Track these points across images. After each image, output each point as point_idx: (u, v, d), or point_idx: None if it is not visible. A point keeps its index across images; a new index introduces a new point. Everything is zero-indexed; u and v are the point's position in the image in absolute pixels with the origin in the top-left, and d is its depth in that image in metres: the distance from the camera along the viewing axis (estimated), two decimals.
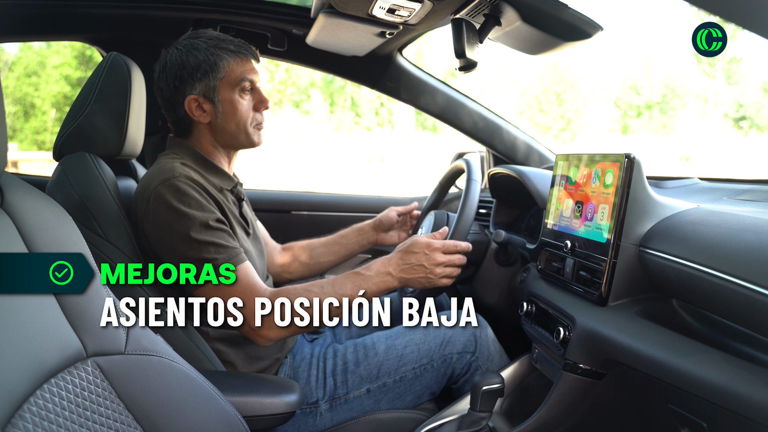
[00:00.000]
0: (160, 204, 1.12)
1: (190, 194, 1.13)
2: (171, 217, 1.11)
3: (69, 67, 17.36)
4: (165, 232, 1.12)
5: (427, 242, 1.21)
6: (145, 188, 1.16)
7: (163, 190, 1.13)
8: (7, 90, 15.51)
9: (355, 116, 24.88)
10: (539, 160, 2.01)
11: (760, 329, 0.74)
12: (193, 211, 1.12)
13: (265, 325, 1.12)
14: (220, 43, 1.23)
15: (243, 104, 1.25)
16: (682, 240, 0.87)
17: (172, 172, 1.15)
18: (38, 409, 0.62)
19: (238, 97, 1.24)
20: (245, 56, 1.25)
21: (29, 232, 0.72)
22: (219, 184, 1.26)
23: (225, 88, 1.24)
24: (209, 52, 1.22)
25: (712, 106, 23.73)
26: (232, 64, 1.23)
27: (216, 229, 1.14)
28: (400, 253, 1.21)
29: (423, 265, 1.20)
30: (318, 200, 2.19)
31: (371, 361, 1.27)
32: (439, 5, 1.21)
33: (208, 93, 1.24)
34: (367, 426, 1.23)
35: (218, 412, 0.86)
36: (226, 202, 1.25)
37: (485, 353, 1.31)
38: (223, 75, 1.23)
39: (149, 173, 1.19)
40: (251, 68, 1.26)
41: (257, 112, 1.28)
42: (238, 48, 1.24)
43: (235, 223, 1.25)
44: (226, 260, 1.12)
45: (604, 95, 26.90)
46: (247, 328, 1.13)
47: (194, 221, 1.12)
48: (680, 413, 0.82)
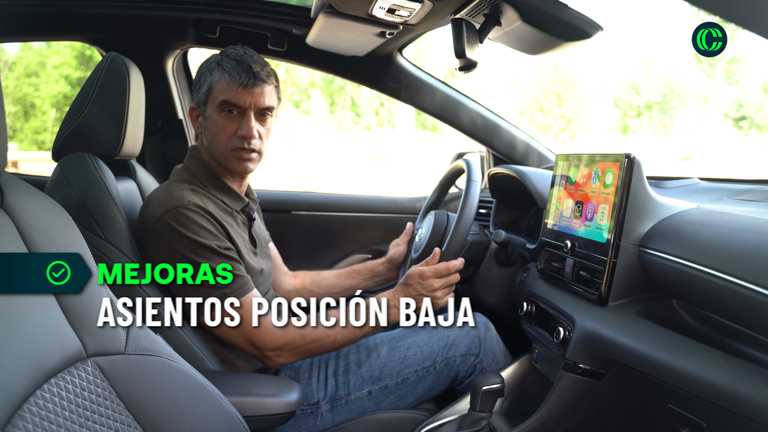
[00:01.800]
0: (167, 231, 1.12)
1: (200, 222, 1.13)
2: (179, 244, 1.11)
3: (69, 67, 17.35)
4: (173, 260, 1.11)
5: (419, 272, 1.26)
6: (153, 213, 1.15)
7: (170, 218, 1.12)
8: (7, 90, 15.50)
9: (355, 116, 24.87)
10: (539, 159, 2.00)
11: (760, 329, 0.74)
12: (202, 240, 1.12)
13: (276, 354, 1.16)
14: (223, 60, 1.21)
15: (222, 125, 1.21)
16: (682, 240, 0.87)
17: (182, 200, 1.15)
18: (38, 409, 0.62)
19: (217, 117, 1.22)
20: (236, 78, 1.18)
21: (29, 232, 0.71)
22: (229, 205, 1.26)
23: (210, 105, 1.22)
24: (209, 65, 1.22)
25: (712, 106, 23.73)
26: (220, 82, 1.20)
27: (225, 257, 1.14)
28: (400, 287, 1.26)
29: (422, 294, 1.25)
30: (318, 200, 2.19)
31: (373, 363, 1.27)
32: (439, 5, 1.21)
33: (200, 105, 1.25)
34: (368, 426, 1.23)
35: (218, 412, 0.86)
36: (235, 226, 1.25)
37: (490, 355, 1.31)
38: (209, 91, 1.22)
39: (159, 198, 1.18)
40: (239, 93, 1.18)
41: (239, 138, 1.21)
42: (232, 69, 1.18)
43: (243, 246, 1.25)
44: (235, 289, 1.13)
45: (604, 95, 26.89)
46: (260, 355, 1.17)
47: (203, 249, 1.12)
48: (680, 413, 0.82)
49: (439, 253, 1.30)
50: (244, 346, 1.16)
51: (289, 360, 1.18)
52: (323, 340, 1.17)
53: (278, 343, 1.15)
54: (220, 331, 1.15)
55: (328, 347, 1.19)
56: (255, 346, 1.15)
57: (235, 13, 1.81)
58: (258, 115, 1.23)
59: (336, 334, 1.18)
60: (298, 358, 1.19)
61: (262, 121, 1.25)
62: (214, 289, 1.11)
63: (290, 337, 1.15)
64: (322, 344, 1.18)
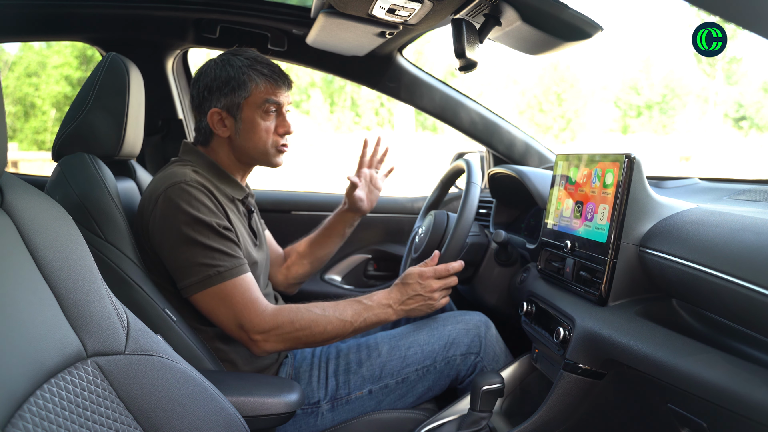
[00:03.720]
0: (168, 206, 1.12)
1: (200, 199, 1.14)
2: (178, 220, 1.11)
3: (69, 67, 17.37)
4: (170, 234, 1.12)
5: (419, 272, 1.26)
6: (154, 190, 1.16)
7: (172, 193, 1.13)
8: (7, 90, 15.51)
9: (355, 116, 24.89)
10: (539, 159, 2.00)
11: (760, 329, 0.74)
12: (201, 216, 1.12)
13: (263, 339, 1.15)
14: (255, 65, 1.24)
15: (264, 125, 1.26)
16: (682, 240, 0.87)
17: (184, 176, 1.15)
18: (38, 409, 0.62)
19: (259, 118, 1.25)
20: (275, 81, 1.25)
21: (29, 232, 0.71)
22: (230, 194, 1.27)
23: (249, 108, 1.25)
24: (242, 71, 1.23)
25: (712, 106, 23.74)
26: (260, 86, 1.24)
27: (223, 236, 1.14)
28: (397, 286, 1.26)
29: (420, 294, 1.25)
30: (318, 200, 2.19)
31: (374, 362, 1.27)
32: (439, 5, 1.21)
33: (231, 109, 1.25)
34: (368, 426, 1.23)
35: (218, 412, 0.86)
36: (236, 212, 1.26)
37: (491, 354, 1.32)
38: (248, 94, 1.24)
39: (159, 177, 1.19)
40: (279, 93, 1.26)
41: (279, 135, 1.29)
42: (270, 72, 1.25)
43: (243, 234, 1.25)
44: (229, 269, 1.13)
45: (604, 95, 26.91)
46: (246, 338, 1.15)
47: (202, 225, 1.12)
48: (680, 413, 0.82)
49: (438, 255, 1.30)
50: (231, 328, 1.15)
51: (276, 347, 1.16)
52: (312, 328, 1.16)
53: (267, 326, 1.14)
54: (210, 310, 1.14)
55: (317, 337, 1.17)
56: (243, 329, 1.14)
57: (235, 13, 1.81)
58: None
59: (326, 324, 1.17)
60: (285, 346, 1.17)
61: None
62: (208, 267, 1.11)
63: (279, 321, 1.14)
64: (311, 333, 1.16)
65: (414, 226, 1.67)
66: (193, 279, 1.12)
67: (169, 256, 1.14)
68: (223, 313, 1.13)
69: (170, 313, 1.12)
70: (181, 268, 1.13)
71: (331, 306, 1.20)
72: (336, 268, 2.15)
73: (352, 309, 1.21)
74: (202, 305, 1.14)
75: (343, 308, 1.20)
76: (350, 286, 2.13)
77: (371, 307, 1.22)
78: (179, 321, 1.13)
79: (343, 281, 2.14)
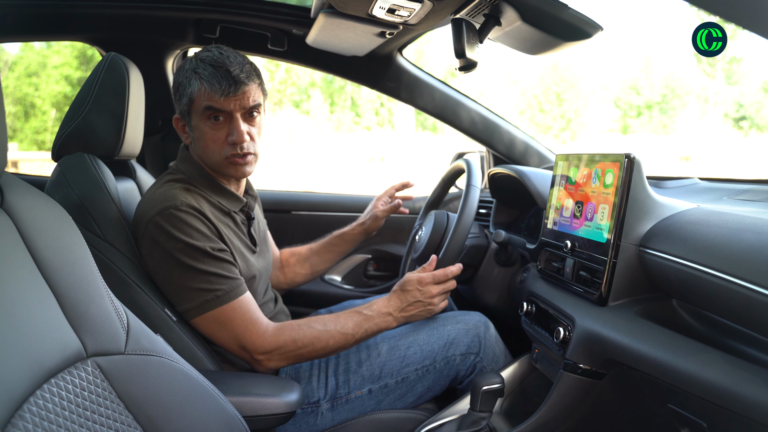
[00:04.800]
0: (159, 233, 1.10)
1: (192, 224, 1.11)
2: (171, 247, 1.10)
3: (69, 67, 17.38)
4: (164, 261, 1.11)
5: (418, 278, 1.26)
6: (145, 213, 1.13)
7: (162, 219, 1.10)
8: (7, 90, 15.51)
9: (355, 116, 24.89)
10: (539, 159, 2.00)
11: (760, 329, 0.74)
12: (194, 242, 1.10)
13: (266, 359, 1.16)
14: (199, 66, 1.14)
15: (210, 134, 1.17)
16: (682, 240, 0.87)
17: (174, 200, 1.12)
18: (38, 409, 0.62)
19: (205, 127, 1.17)
20: (214, 85, 1.12)
21: (29, 232, 0.71)
22: (226, 207, 1.24)
23: (195, 115, 1.18)
24: (186, 75, 1.16)
25: (712, 106, 23.73)
26: (200, 90, 1.14)
27: (218, 258, 1.13)
28: (396, 293, 1.26)
29: (420, 300, 1.25)
30: (318, 200, 2.19)
31: (374, 362, 1.27)
32: (439, 5, 1.21)
33: (184, 116, 1.21)
34: (368, 425, 1.23)
35: (218, 412, 0.86)
36: (233, 226, 1.24)
37: (490, 354, 1.32)
38: (191, 101, 1.16)
39: (151, 197, 1.17)
40: (221, 98, 1.13)
41: (231, 144, 1.17)
42: (210, 76, 1.13)
43: (240, 247, 1.24)
44: (227, 291, 1.12)
45: (604, 95, 26.91)
46: (249, 358, 1.16)
47: (196, 251, 1.10)
48: (680, 413, 0.82)
49: (436, 260, 1.30)
50: (234, 349, 1.15)
51: (279, 364, 1.18)
52: (315, 345, 1.17)
53: (269, 347, 1.14)
54: (211, 333, 1.15)
55: (320, 352, 1.18)
56: (245, 350, 1.14)
57: (235, 13, 1.81)
58: (245, 116, 1.19)
59: (328, 339, 1.18)
60: (289, 362, 1.18)
61: (251, 121, 1.20)
62: (206, 292, 1.11)
63: (281, 341, 1.15)
64: (313, 349, 1.17)
65: (414, 225, 1.67)
66: (191, 304, 1.12)
67: (165, 282, 1.13)
68: (224, 335, 1.14)
69: (170, 313, 1.12)
70: (179, 294, 1.12)
71: (331, 320, 1.20)
72: (336, 268, 2.15)
73: (353, 321, 1.21)
74: (202, 328, 1.14)
75: (344, 321, 1.20)
76: (350, 286, 2.13)
77: (371, 317, 1.22)
78: (179, 321, 1.13)
79: (343, 281, 2.14)
